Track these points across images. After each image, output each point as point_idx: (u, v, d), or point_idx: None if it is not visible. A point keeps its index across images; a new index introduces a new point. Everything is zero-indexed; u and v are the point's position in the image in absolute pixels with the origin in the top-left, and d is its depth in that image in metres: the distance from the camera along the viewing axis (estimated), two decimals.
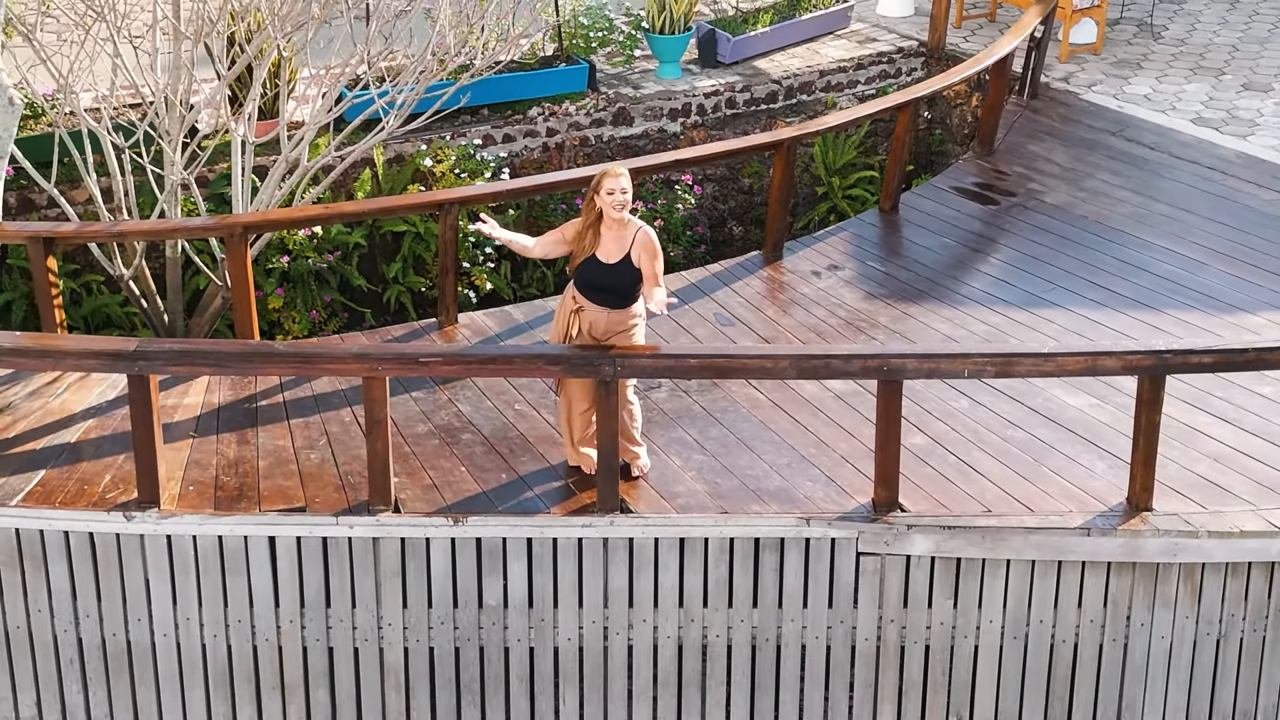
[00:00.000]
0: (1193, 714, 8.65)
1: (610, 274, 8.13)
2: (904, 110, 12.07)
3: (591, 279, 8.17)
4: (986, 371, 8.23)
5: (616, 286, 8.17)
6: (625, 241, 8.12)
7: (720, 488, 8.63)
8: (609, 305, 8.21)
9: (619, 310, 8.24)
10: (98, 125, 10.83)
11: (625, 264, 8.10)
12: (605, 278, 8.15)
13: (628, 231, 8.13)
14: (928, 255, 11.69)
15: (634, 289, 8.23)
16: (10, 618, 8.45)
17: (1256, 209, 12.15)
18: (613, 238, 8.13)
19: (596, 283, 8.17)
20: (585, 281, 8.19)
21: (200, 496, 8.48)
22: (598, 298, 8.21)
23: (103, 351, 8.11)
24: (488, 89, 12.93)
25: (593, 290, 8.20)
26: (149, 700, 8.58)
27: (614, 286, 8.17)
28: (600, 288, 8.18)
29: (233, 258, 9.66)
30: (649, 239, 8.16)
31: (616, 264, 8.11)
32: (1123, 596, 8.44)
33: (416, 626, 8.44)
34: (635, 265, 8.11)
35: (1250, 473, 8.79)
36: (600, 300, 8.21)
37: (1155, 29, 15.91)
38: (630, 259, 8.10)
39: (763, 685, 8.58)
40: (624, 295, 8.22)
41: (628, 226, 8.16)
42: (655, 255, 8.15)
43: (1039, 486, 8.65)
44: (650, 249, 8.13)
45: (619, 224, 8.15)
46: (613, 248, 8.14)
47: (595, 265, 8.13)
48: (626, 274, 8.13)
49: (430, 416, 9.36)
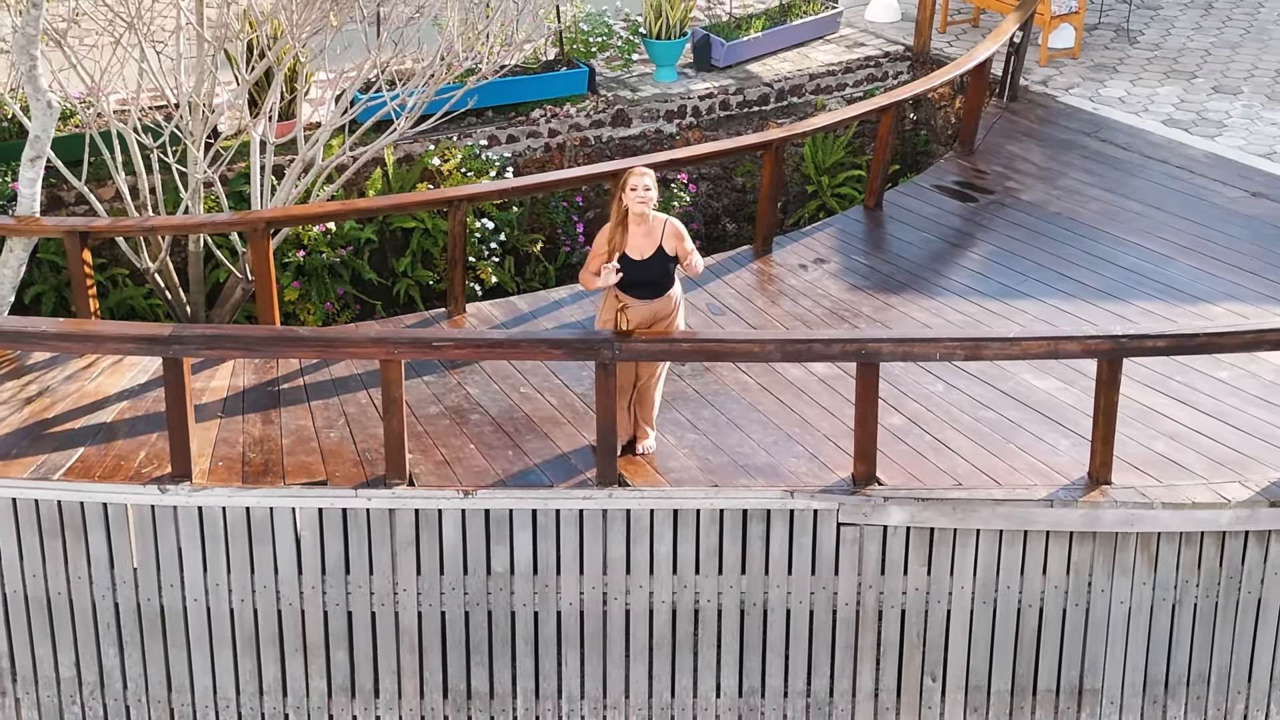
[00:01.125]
0: (1150, 675, 9.31)
1: (645, 269, 8.83)
2: (886, 113, 12.74)
3: (629, 276, 8.83)
4: (956, 355, 8.89)
5: (654, 280, 8.89)
6: (655, 235, 8.82)
7: (711, 463, 9.29)
8: (650, 297, 8.92)
9: (660, 299, 8.94)
10: (125, 126, 11.49)
11: (660, 256, 8.82)
12: (641, 273, 8.84)
13: (655, 225, 8.83)
14: (909, 249, 12.36)
15: (671, 278, 8.91)
16: (52, 584, 9.10)
17: (1221, 206, 12.83)
18: (642, 233, 8.82)
19: (634, 279, 8.85)
20: (625, 280, 8.85)
21: (229, 471, 9.14)
22: (639, 292, 8.91)
23: (140, 336, 8.78)
24: (492, 92, 13.57)
25: (633, 286, 8.88)
26: (180, 661, 9.23)
27: (651, 280, 8.88)
28: (638, 283, 8.88)
29: (255, 251, 10.33)
30: (676, 227, 8.90)
31: (650, 258, 8.82)
32: (1084, 564, 9.09)
33: (429, 592, 9.09)
34: (670, 254, 8.81)
35: (1204, 450, 9.45)
36: (641, 295, 8.91)
37: (1131, 34, 16.58)
38: (664, 250, 8.80)
39: (750, 647, 9.22)
40: (660, 284, 8.92)
41: (654, 221, 8.84)
42: (684, 236, 8.89)
43: (1007, 462, 9.32)
44: (678, 233, 8.87)
45: (645, 220, 8.82)
46: (644, 243, 8.82)
47: (629, 263, 8.81)
48: (662, 265, 8.85)
49: (441, 399, 10.02)
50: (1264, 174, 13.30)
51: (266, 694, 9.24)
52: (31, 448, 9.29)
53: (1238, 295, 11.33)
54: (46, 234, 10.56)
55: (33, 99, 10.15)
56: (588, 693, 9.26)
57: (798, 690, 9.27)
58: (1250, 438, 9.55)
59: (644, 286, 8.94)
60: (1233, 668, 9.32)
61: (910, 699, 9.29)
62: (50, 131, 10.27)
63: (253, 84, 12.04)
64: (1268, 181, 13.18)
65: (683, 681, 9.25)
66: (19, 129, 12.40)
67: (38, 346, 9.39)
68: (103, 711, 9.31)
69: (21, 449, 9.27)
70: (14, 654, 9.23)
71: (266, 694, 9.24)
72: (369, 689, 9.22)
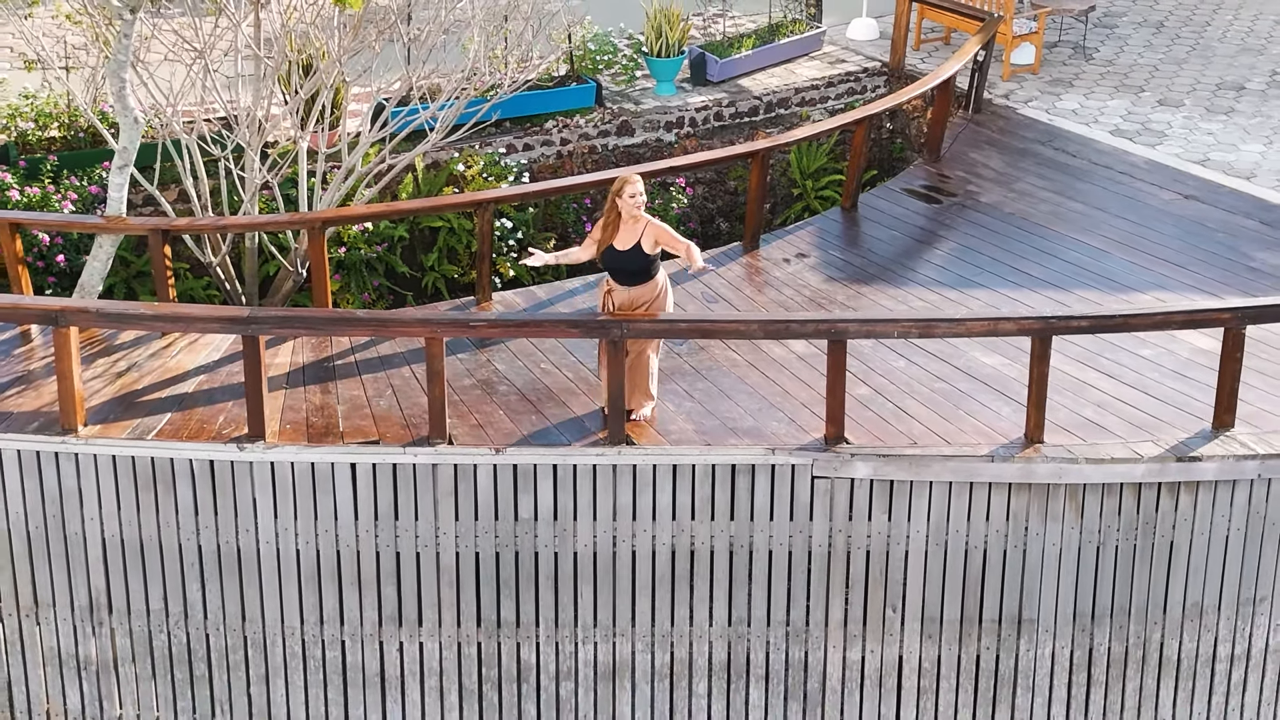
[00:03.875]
0: (1079, 607, 10.82)
1: (625, 259, 10.45)
2: (860, 125, 14.34)
3: (611, 263, 10.49)
4: (911, 333, 10.52)
5: (632, 269, 10.49)
6: (637, 233, 10.44)
7: (704, 426, 10.88)
8: (629, 284, 10.53)
9: (640, 286, 10.55)
10: (189, 137, 13.11)
11: (636, 250, 10.43)
12: (621, 262, 10.47)
13: (639, 225, 10.45)
14: (880, 246, 13.97)
15: (647, 269, 10.52)
16: (144, 530, 10.66)
17: (1156, 207, 14.43)
18: (628, 230, 10.44)
19: (615, 266, 10.49)
20: (608, 265, 10.52)
21: (295, 432, 10.73)
22: (620, 278, 10.54)
23: (224, 317, 10.41)
24: (510, 105, 15.11)
25: (614, 272, 10.53)
26: (254, 596, 10.77)
27: (629, 269, 10.49)
28: (619, 270, 10.50)
29: (313, 246, 11.95)
30: (658, 227, 10.49)
31: (629, 250, 10.43)
32: (1021, 511, 10.62)
33: (465, 535, 10.62)
34: (645, 251, 10.42)
35: (1124, 415, 11.03)
36: (622, 280, 10.54)
37: (1088, 51, 18.17)
38: (640, 246, 10.41)
39: (738, 582, 10.74)
40: (639, 274, 10.52)
41: (640, 221, 10.47)
42: (666, 232, 10.46)
43: (956, 425, 10.90)
44: (661, 233, 10.45)
45: (633, 220, 10.45)
46: (627, 237, 10.45)
47: (614, 253, 10.46)
48: (639, 259, 10.45)
49: (473, 373, 11.63)
50: (1197, 179, 14.90)
51: (326, 623, 10.79)
52: (126, 413, 10.89)
53: (1164, 285, 12.93)
54: (133, 232, 12.16)
55: (121, 116, 11.75)
56: (599, 622, 10.80)
57: (778, 620, 10.80)
58: (1165, 405, 11.13)
59: (624, 274, 10.53)
60: (1149, 601, 10.82)
61: (874, 627, 10.82)
62: (136, 144, 11.88)
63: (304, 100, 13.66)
64: (1199, 185, 14.78)
65: (680, 612, 10.78)
66: (93, 139, 14.02)
67: (138, 326, 11.02)
68: (185, 639, 10.86)
69: (117, 414, 10.87)
70: (111, 590, 10.81)
71: (326, 623, 10.79)
72: (414, 618, 10.76)
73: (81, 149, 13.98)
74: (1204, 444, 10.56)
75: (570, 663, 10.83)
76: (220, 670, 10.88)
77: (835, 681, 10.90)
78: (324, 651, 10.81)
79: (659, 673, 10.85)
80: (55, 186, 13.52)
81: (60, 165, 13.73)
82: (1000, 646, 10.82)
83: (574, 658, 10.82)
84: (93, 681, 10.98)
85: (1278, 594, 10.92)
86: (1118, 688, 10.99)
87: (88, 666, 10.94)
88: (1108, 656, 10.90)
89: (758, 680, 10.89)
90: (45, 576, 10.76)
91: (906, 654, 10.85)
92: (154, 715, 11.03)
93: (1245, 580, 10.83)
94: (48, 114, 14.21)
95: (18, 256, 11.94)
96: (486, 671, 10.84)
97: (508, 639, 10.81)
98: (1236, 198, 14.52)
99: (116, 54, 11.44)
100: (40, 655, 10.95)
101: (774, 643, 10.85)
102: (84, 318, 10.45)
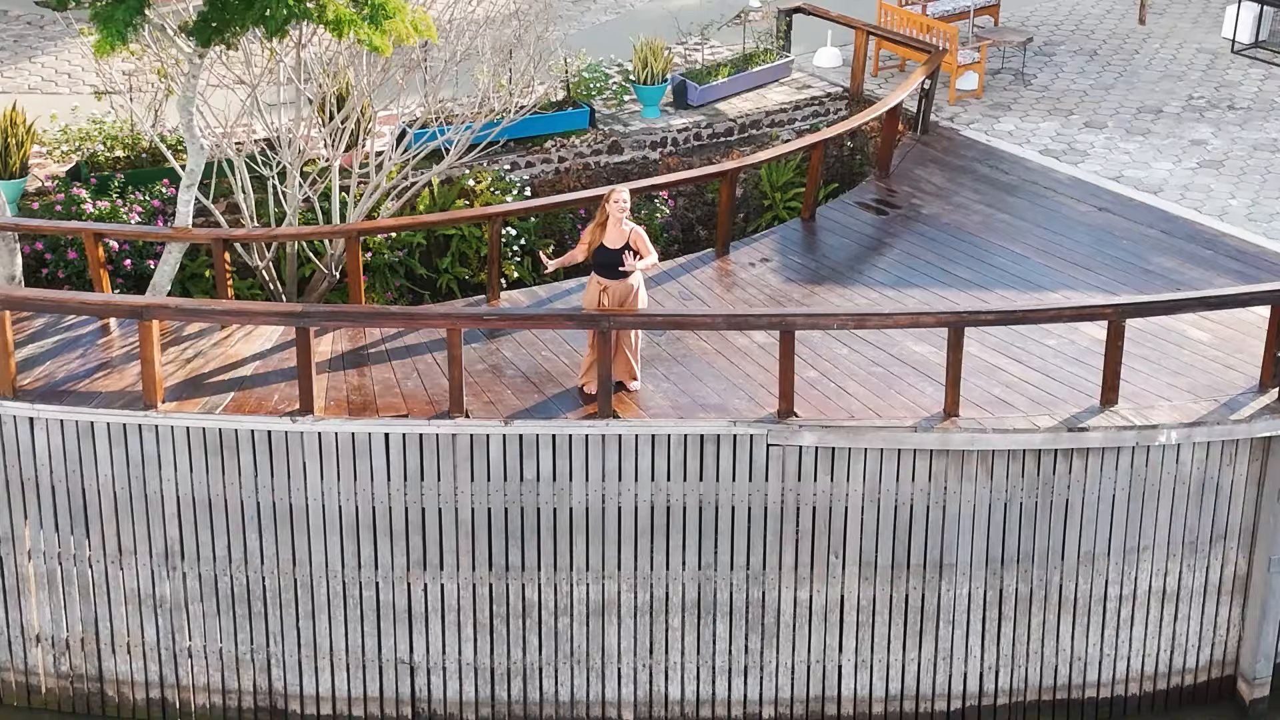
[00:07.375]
0: (990, 554, 12.93)
1: (614, 255, 12.59)
2: (816, 148, 16.45)
3: (601, 259, 12.64)
4: (848, 325, 12.68)
5: (618, 264, 12.59)
6: (623, 236, 12.60)
7: (678, 403, 12.98)
8: (615, 278, 12.64)
9: (622, 282, 12.65)
10: (239, 157, 15.26)
11: (625, 249, 12.56)
12: (610, 258, 12.61)
13: (624, 229, 12.61)
14: (833, 252, 16.12)
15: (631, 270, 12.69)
16: (212, 489, 12.78)
17: (1073, 218, 16.57)
18: (615, 234, 12.60)
19: (605, 261, 12.63)
20: (598, 261, 12.65)
21: (338, 408, 12.86)
22: (607, 273, 12.68)
23: (281, 312, 12.61)
24: (514, 127, 17.19)
25: (604, 267, 12.67)
26: (303, 545, 12.87)
27: (617, 264, 12.59)
28: (608, 265, 12.64)
29: (350, 253, 14.11)
30: (640, 234, 12.64)
31: (618, 250, 12.57)
32: (940, 474, 12.71)
33: (479, 494, 12.71)
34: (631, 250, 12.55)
35: (1027, 394, 13.14)
36: (609, 275, 12.67)
37: (1026, 77, 20.25)
38: (628, 245, 12.56)
39: (706, 534, 12.84)
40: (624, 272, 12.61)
41: (625, 226, 12.61)
42: (643, 239, 12.60)
43: (887, 401, 13.01)
44: (638, 238, 12.59)
45: (620, 224, 12.59)
46: (616, 239, 12.60)
47: (604, 250, 12.62)
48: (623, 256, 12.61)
49: (485, 359, 13.76)
50: (1111, 193, 17.03)
51: (363, 567, 12.90)
52: (196, 392, 13.04)
53: (1072, 285, 15.07)
54: (198, 240, 14.31)
55: (189, 142, 13.91)
56: (591, 566, 12.89)
57: (740, 565, 12.90)
58: (1062, 385, 13.26)
59: (612, 270, 12.65)
60: (1049, 549, 12.92)
61: (820, 571, 12.92)
62: (201, 166, 14.03)
63: (338, 123, 15.84)
64: (1112, 199, 16.92)
65: (658, 558, 12.88)
66: (153, 158, 16.17)
67: (210, 319, 13.23)
68: (245, 581, 12.99)
69: (189, 393, 13.02)
70: (183, 539, 12.95)
71: (363, 567, 12.90)
72: (436, 563, 12.86)
73: (144, 167, 16.14)
74: (1091, 417, 12.70)
75: (567, 601, 12.95)
76: (274, 607, 13.00)
77: (788, 617, 13.03)
78: (361, 591, 12.94)
79: (640, 609, 12.97)
80: (122, 200, 15.66)
81: (126, 182, 15.86)
82: (925, 587, 12.93)
83: (570, 596, 12.94)
84: (167, 617, 13.10)
85: (1158, 543, 13.07)
86: (1024, 622, 13.13)
87: (162, 605, 13.06)
88: (1015, 596, 13.02)
89: (723, 615, 13.02)
90: (128, 528, 12.90)
91: (847, 593, 12.96)
92: (218, 646, 13.17)
93: (1130, 532, 12.97)
94: (114, 136, 16.36)
95: (100, 261, 14.08)
96: (496, 608, 12.97)
97: (514, 581, 12.91)
98: (1143, 210, 16.65)
99: (184, 90, 13.58)
100: (123, 595, 13.09)
101: (736, 584, 12.94)
102: (165, 312, 12.64)
